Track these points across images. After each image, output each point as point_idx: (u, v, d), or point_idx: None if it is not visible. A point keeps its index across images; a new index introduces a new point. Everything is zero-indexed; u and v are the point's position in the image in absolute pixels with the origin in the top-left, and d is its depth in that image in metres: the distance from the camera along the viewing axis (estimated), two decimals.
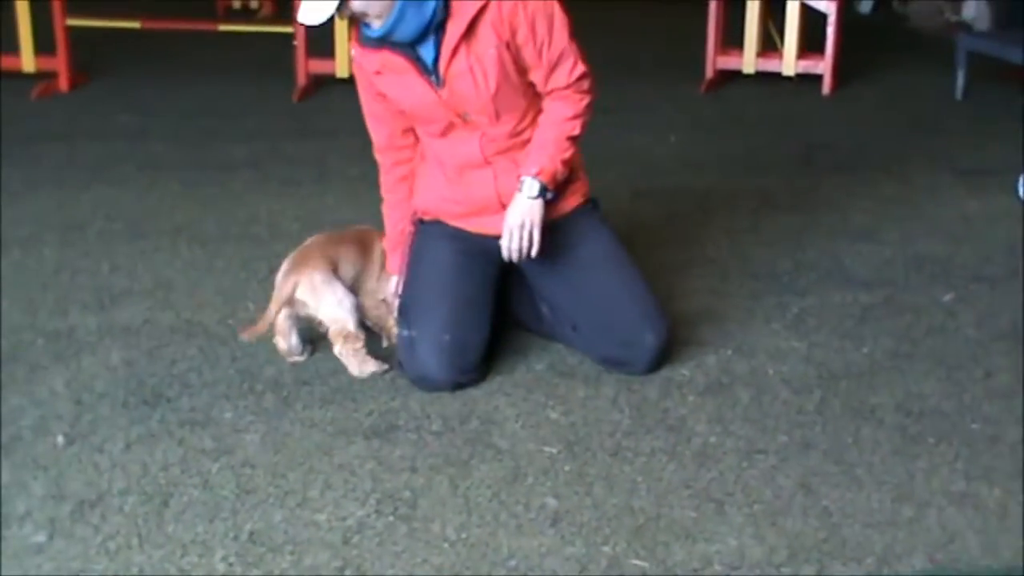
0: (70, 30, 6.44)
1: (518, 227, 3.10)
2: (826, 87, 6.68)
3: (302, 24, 3.08)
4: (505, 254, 3.14)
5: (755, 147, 5.59)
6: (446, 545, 2.52)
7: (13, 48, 6.40)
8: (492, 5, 2.99)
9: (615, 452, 2.87)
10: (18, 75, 6.38)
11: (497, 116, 3.11)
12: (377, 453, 2.86)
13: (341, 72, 6.39)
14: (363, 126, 3.35)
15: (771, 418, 3.05)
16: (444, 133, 3.16)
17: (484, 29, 3.01)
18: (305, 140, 5.58)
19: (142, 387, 3.16)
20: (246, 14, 8.63)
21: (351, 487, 2.71)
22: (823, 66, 6.68)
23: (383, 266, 3.40)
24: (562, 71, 3.10)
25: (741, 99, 6.55)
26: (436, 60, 3.05)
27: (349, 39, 4.70)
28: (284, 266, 3.33)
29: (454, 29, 3.00)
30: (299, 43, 6.43)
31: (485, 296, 3.26)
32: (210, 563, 2.45)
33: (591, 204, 3.37)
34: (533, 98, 3.16)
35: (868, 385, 3.24)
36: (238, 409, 3.06)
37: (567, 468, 2.80)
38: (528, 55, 3.06)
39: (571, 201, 3.31)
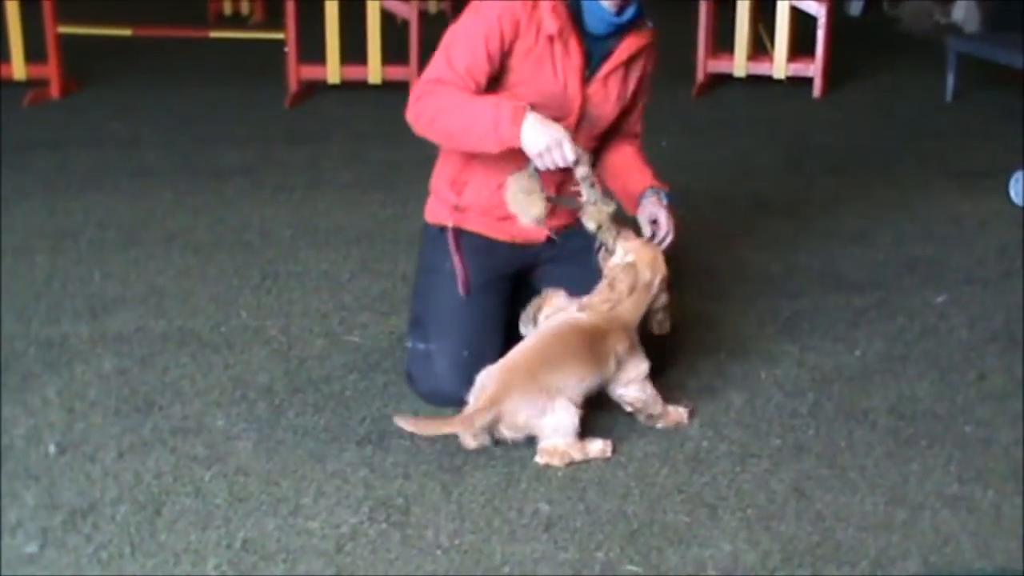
0: (61, 37, 6.44)
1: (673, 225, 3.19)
2: (817, 90, 6.70)
3: None
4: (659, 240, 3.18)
5: (747, 150, 5.60)
6: (439, 552, 2.51)
7: (4, 56, 6.40)
8: (653, 42, 3.27)
9: (608, 457, 2.87)
10: (9, 83, 6.38)
11: (602, 133, 3.27)
12: (370, 460, 2.85)
13: (333, 78, 6.40)
14: (356, 131, 3.35)
15: (764, 422, 3.05)
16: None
17: (640, 57, 3.25)
18: (297, 146, 5.58)
19: (134, 395, 3.15)
20: (237, 20, 8.64)
21: (344, 494, 2.71)
22: (814, 69, 6.70)
23: (626, 356, 2.96)
24: (639, 118, 3.42)
25: (732, 102, 6.56)
26: (600, 61, 3.18)
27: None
28: (484, 380, 2.89)
29: (632, 44, 3.19)
30: (290, 49, 6.43)
31: (502, 312, 3.23)
32: (203, 572, 2.44)
33: None
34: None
35: (861, 388, 3.24)
36: (230, 417, 3.05)
37: (560, 474, 2.80)
38: (639, 95, 3.33)
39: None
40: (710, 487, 2.75)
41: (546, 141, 2.91)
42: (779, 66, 6.72)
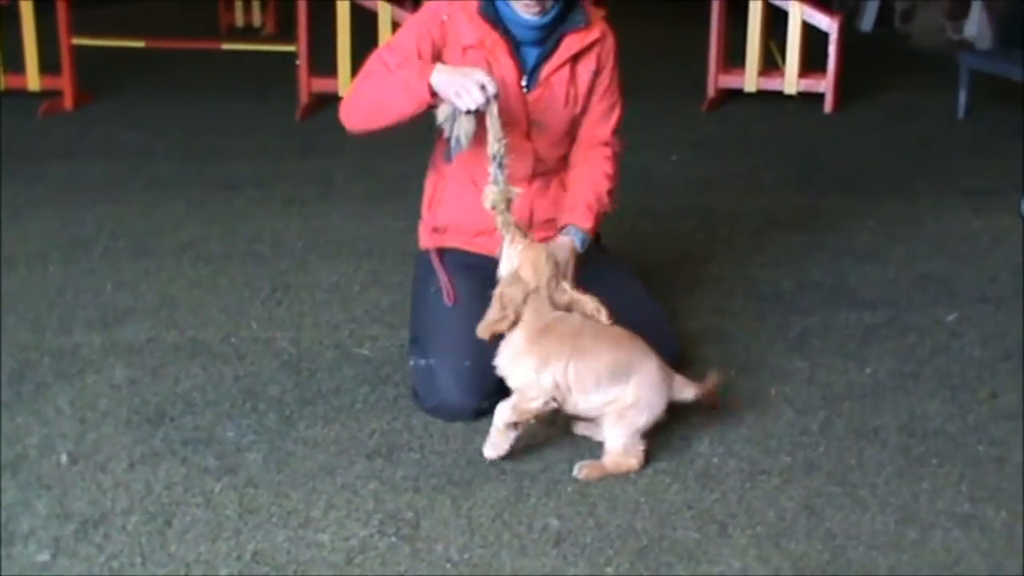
0: (75, 49, 6.47)
1: (561, 264, 3.02)
2: (828, 105, 6.70)
3: None
4: None
5: (757, 166, 5.60)
6: (449, 566, 2.51)
7: (19, 67, 6.43)
8: (605, 38, 3.22)
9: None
10: (24, 94, 6.41)
11: (566, 132, 3.24)
12: (380, 473, 2.85)
13: (343, 90, 6.40)
14: (367, 144, 3.37)
15: (774, 439, 3.05)
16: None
17: (590, 54, 3.20)
18: (308, 158, 5.60)
19: (146, 406, 3.16)
20: (249, 33, 8.67)
21: (354, 507, 2.71)
22: (825, 84, 6.70)
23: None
24: (607, 124, 3.29)
25: (743, 118, 6.57)
26: (537, 65, 3.16)
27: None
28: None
29: (574, 42, 3.16)
30: (302, 62, 6.45)
31: None
32: None
33: (596, 236, 3.43)
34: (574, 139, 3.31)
35: (872, 406, 3.23)
36: (241, 428, 3.06)
37: (570, 489, 2.80)
38: (595, 94, 3.25)
39: None
40: (720, 504, 2.75)
41: (458, 79, 2.89)
42: (790, 81, 6.73)
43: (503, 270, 2.92)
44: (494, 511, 2.70)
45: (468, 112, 2.92)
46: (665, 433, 3.04)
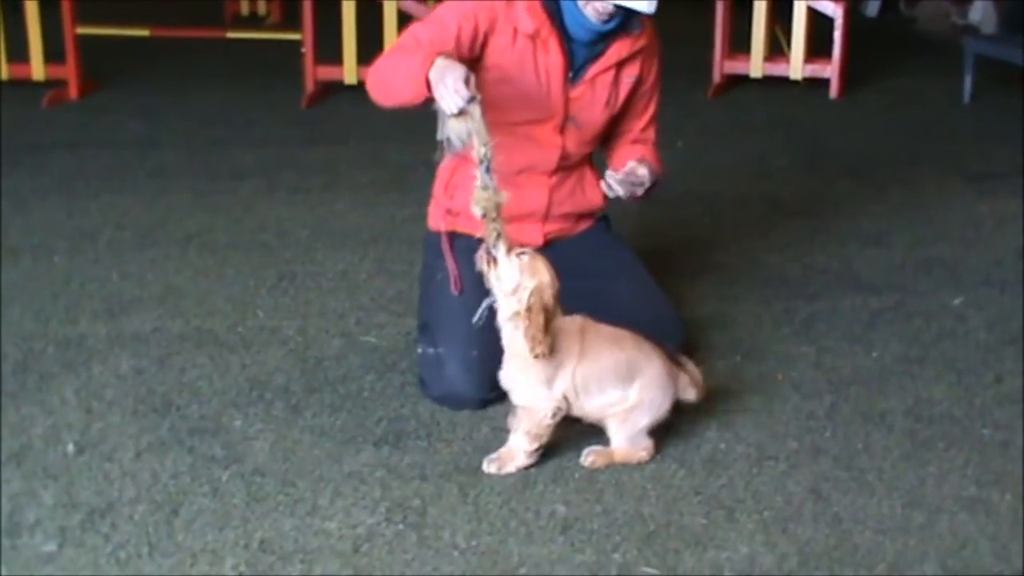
0: (80, 38, 6.45)
1: (641, 178, 3.13)
2: (834, 91, 6.68)
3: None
4: (613, 184, 3.11)
5: (763, 152, 5.59)
6: (456, 553, 2.52)
7: (23, 56, 6.42)
8: (652, 45, 3.26)
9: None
10: (28, 83, 6.40)
11: (597, 135, 3.26)
12: (387, 461, 2.86)
13: (350, 78, 6.40)
14: (373, 132, 3.36)
15: (781, 424, 3.05)
16: (527, 124, 3.16)
17: (636, 60, 3.23)
18: (314, 147, 5.59)
19: (152, 395, 3.16)
20: (254, 21, 8.65)
21: (361, 495, 2.71)
22: (831, 70, 6.68)
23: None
24: (652, 128, 3.39)
25: (749, 104, 6.55)
26: (584, 63, 3.16)
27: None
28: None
29: (622, 47, 3.18)
30: (307, 50, 6.44)
31: None
32: (220, 572, 2.45)
33: (604, 222, 3.45)
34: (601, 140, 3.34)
35: (878, 390, 3.23)
36: (248, 417, 3.06)
37: (577, 475, 2.80)
38: (640, 100, 3.31)
39: (588, 220, 3.40)
40: (727, 489, 2.75)
41: (442, 73, 2.78)
42: (795, 67, 6.71)
43: (506, 283, 2.78)
44: (501, 498, 2.70)
45: (454, 114, 2.80)
46: (671, 419, 3.03)
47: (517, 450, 2.81)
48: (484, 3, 3.10)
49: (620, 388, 2.83)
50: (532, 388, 2.79)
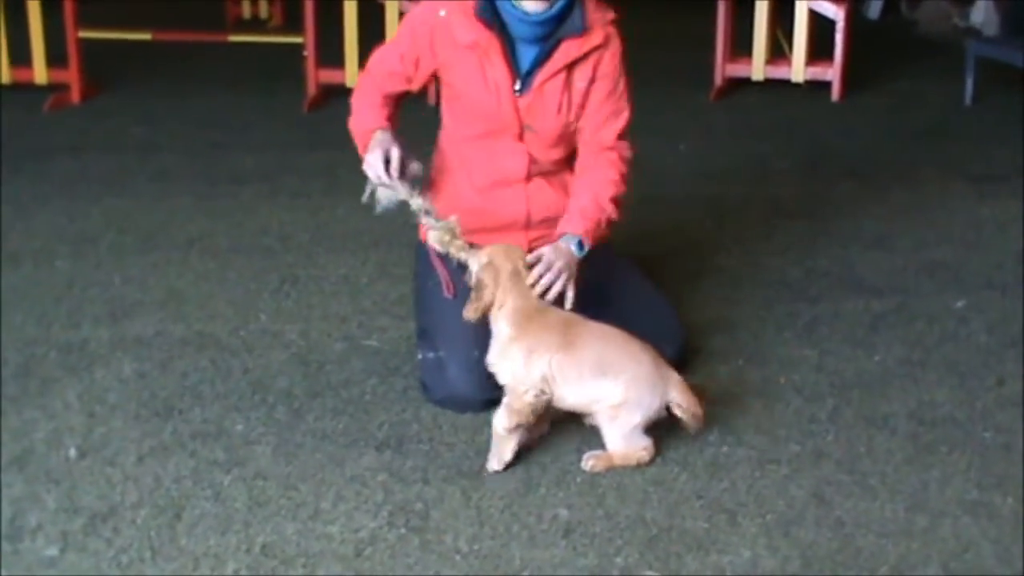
0: (82, 42, 6.46)
1: (558, 269, 2.95)
2: (835, 93, 6.68)
3: None
4: (531, 281, 2.94)
5: (765, 154, 5.59)
6: (458, 557, 2.51)
7: (25, 60, 6.43)
8: (607, 45, 3.12)
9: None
10: (30, 87, 6.41)
11: (557, 141, 3.18)
12: (389, 464, 2.86)
13: (351, 82, 6.39)
14: None
15: (783, 427, 3.05)
16: (487, 136, 3.16)
17: (587, 62, 3.11)
18: (315, 151, 5.59)
19: (154, 399, 3.17)
20: (256, 24, 8.65)
21: (363, 499, 2.71)
22: (832, 72, 6.68)
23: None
24: (610, 129, 3.17)
25: (750, 106, 6.55)
26: (532, 69, 3.10)
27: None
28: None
29: (570, 49, 3.08)
30: (309, 53, 6.44)
31: None
32: None
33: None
34: (573, 142, 3.24)
35: (880, 393, 3.23)
36: (250, 421, 3.06)
37: (579, 479, 2.80)
38: (594, 100, 3.15)
39: None
40: (729, 493, 2.75)
41: (372, 147, 3.03)
42: (797, 70, 6.71)
43: (474, 268, 2.94)
44: (503, 502, 2.70)
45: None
46: (672, 422, 3.04)
47: (497, 426, 2.83)
48: (420, 23, 3.13)
49: (599, 381, 2.83)
50: (511, 365, 2.86)
